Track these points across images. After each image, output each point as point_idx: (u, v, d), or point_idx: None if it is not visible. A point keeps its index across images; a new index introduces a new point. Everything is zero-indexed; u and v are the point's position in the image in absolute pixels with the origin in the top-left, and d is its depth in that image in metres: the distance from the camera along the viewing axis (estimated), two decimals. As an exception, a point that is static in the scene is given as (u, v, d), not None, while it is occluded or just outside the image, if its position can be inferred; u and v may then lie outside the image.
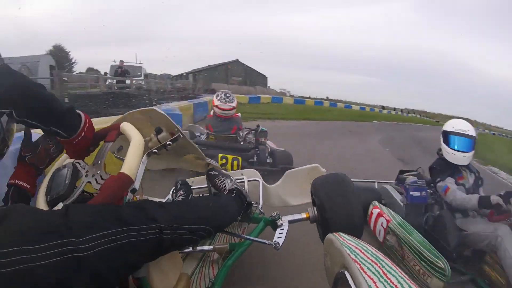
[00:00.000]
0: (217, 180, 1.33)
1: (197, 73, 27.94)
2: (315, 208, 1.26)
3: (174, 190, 1.57)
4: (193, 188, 1.70)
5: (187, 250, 1.33)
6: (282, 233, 1.18)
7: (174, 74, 27.29)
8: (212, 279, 1.11)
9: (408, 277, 0.51)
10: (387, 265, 0.55)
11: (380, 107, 33.54)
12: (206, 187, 1.56)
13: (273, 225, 1.25)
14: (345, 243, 0.69)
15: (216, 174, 1.36)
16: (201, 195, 1.58)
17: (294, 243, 1.58)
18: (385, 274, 0.52)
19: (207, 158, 1.44)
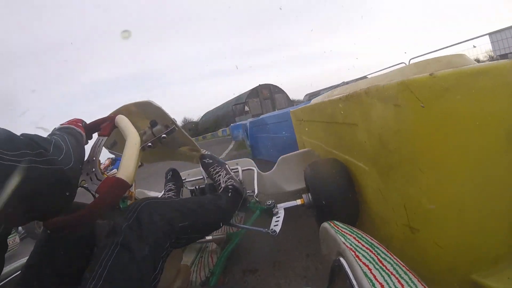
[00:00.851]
0: (212, 169, 1.30)
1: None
2: (309, 194, 1.26)
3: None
4: (189, 180, 1.71)
5: None
6: (278, 220, 1.20)
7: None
8: (212, 268, 1.14)
9: (404, 263, 0.53)
10: (382, 252, 0.57)
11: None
12: (201, 178, 1.56)
13: (269, 213, 1.27)
14: (339, 231, 0.70)
15: (211, 162, 1.33)
16: (197, 187, 1.58)
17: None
18: (380, 261, 0.53)
19: (202, 149, 1.44)
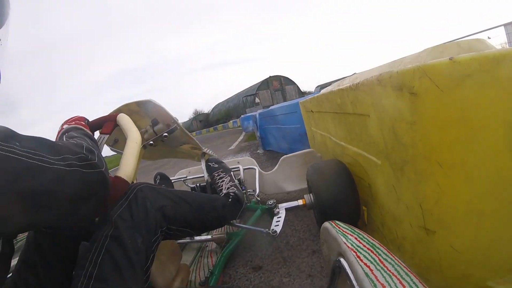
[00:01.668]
0: (216, 174, 1.32)
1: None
2: (311, 194, 1.25)
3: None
4: (190, 178, 1.71)
5: (186, 241, 1.35)
6: (279, 221, 1.19)
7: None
8: (211, 268, 1.13)
9: (405, 264, 0.52)
10: (383, 252, 0.56)
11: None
12: (203, 176, 1.56)
13: (270, 213, 1.26)
14: (340, 231, 0.69)
15: (216, 167, 1.35)
16: (198, 185, 1.58)
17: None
18: (382, 262, 0.52)
19: (203, 147, 1.43)
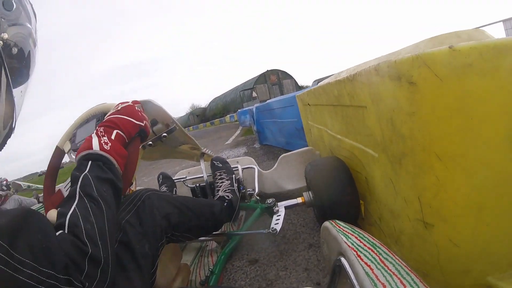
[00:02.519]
0: (218, 173, 1.40)
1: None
2: (310, 192, 1.25)
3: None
4: (189, 178, 1.71)
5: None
6: (279, 219, 1.19)
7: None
8: (211, 267, 1.13)
9: (403, 259, 0.52)
10: (384, 252, 0.56)
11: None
12: (202, 176, 1.56)
13: (270, 211, 1.27)
14: (341, 230, 0.69)
15: (220, 166, 1.43)
16: (197, 185, 1.58)
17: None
18: (382, 261, 0.52)
19: (202, 147, 1.43)
